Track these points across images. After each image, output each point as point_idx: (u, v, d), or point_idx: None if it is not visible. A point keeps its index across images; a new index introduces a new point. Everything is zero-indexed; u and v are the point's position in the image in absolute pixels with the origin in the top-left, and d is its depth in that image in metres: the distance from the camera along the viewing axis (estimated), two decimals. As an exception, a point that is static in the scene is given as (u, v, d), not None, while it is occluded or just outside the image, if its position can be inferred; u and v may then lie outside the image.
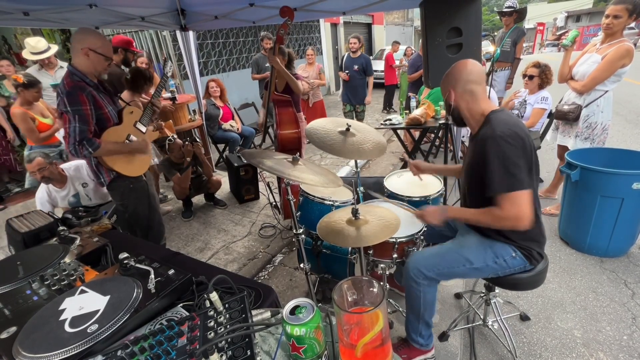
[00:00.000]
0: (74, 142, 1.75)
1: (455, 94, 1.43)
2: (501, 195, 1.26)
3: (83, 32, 1.83)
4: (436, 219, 1.48)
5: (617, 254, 2.45)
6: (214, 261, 2.76)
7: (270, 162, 1.29)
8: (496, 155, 1.24)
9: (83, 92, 1.75)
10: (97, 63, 1.82)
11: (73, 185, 2.59)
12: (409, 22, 18.55)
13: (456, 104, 1.44)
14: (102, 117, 1.86)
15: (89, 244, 1.27)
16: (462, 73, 1.41)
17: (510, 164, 1.23)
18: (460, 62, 1.45)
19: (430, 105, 3.69)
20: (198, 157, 3.46)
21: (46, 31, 4.89)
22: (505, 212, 1.26)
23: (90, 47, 1.77)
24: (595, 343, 1.80)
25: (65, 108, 1.72)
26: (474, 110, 1.41)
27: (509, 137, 1.24)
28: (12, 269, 1.09)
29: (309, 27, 9.77)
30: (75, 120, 1.73)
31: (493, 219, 1.32)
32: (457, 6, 2.04)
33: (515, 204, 1.24)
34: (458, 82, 1.42)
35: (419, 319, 1.54)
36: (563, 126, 2.90)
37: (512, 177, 1.23)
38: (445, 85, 1.48)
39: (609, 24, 2.44)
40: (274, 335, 0.82)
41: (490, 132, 1.28)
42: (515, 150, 1.24)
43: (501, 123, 1.29)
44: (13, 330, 0.83)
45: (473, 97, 1.40)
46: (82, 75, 1.80)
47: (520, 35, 4.16)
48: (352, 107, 5.51)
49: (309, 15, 3.40)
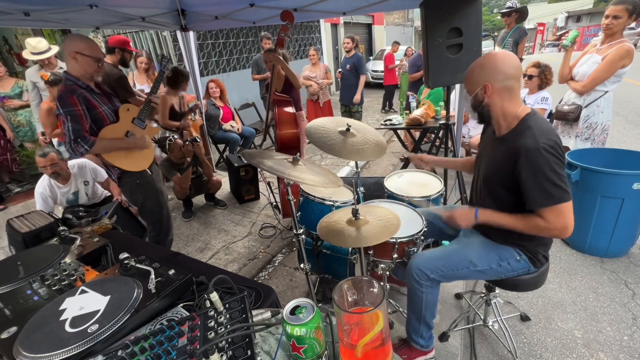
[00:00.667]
0: (69, 140, 1.84)
1: (493, 90, 1.28)
2: (547, 207, 1.22)
3: (69, 38, 1.95)
4: (466, 222, 1.43)
5: (618, 255, 2.45)
6: (214, 261, 2.77)
7: (270, 162, 1.29)
8: (541, 168, 1.19)
9: (73, 93, 1.84)
10: (86, 65, 1.88)
11: (75, 182, 2.64)
12: (409, 23, 18.55)
13: (490, 101, 1.31)
14: (97, 116, 1.94)
15: (90, 244, 1.28)
16: (503, 66, 1.26)
17: (556, 176, 1.19)
18: (495, 53, 1.32)
19: (431, 105, 3.69)
20: (198, 157, 3.46)
21: (47, 31, 4.89)
22: (552, 224, 1.23)
23: (76, 50, 1.84)
24: (595, 343, 1.80)
25: (58, 111, 1.83)
26: (508, 110, 1.31)
27: (552, 149, 1.19)
28: (12, 269, 1.09)
29: (309, 27, 9.77)
30: (68, 121, 1.82)
31: (535, 229, 1.28)
32: (457, 6, 2.04)
33: (562, 215, 1.21)
34: (497, 76, 1.27)
35: (420, 320, 1.54)
36: (563, 126, 2.90)
37: (559, 190, 1.19)
38: (479, 77, 1.31)
39: (609, 24, 2.43)
40: (274, 336, 0.82)
41: (533, 143, 1.20)
42: (559, 162, 1.20)
43: (543, 132, 1.22)
44: (14, 330, 0.83)
45: (511, 95, 1.30)
46: (74, 79, 1.89)
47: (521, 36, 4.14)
48: (345, 107, 5.51)
49: (309, 16, 3.40)
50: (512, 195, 1.33)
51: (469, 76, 1.37)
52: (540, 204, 1.23)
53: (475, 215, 1.41)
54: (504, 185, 1.34)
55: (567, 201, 1.21)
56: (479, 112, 1.39)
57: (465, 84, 1.41)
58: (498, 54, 1.32)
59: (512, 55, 1.32)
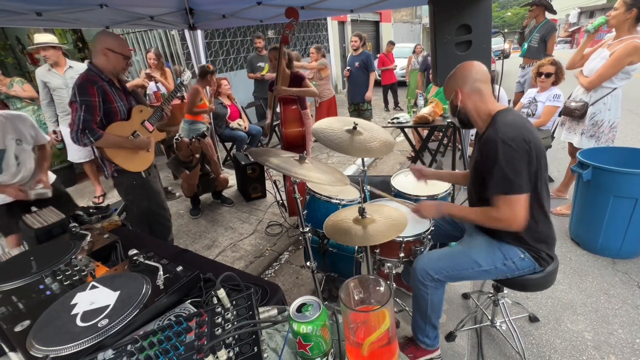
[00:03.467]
0: (76, 129, 1.83)
1: (463, 94, 1.40)
2: (498, 196, 1.28)
3: (102, 34, 1.97)
4: (431, 213, 1.50)
5: (630, 256, 2.40)
6: (221, 258, 2.79)
7: (277, 160, 1.29)
8: (497, 157, 1.25)
9: (94, 84, 1.85)
10: (115, 62, 1.94)
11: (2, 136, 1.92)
12: (417, 20, 18.38)
13: (463, 104, 1.42)
14: (110, 110, 1.95)
15: (100, 240, 1.30)
16: (470, 72, 1.40)
17: (511, 168, 1.24)
18: (465, 63, 1.44)
19: (439, 103, 3.65)
20: (206, 155, 3.49)
21: (58, 31, 4.97)
22: (500, 214, 1.29)
23: (108, 47, 1.89)
24: (606, 346, 1.77)
25: (74, 98, 1.83)
26: (481, 110, 1.40)
27: (511, 141, 1.24)
28: (26, 264, 1.12)
29: (316, 25, 9.74)
30: (82, 110, 1.82)
31: (487, 219, 1.35)
32: (466, 3, 2.01)
33: (511, 206, 1.26)
34: (466, 82, 1.40)
35: (425, 320, 1.54)
36: (569, 122, 2.85)
37: (511, 180, 1.24)
38: (451, 86, 1.45)
39: (608, 15, 2.47)
40: (280, 333, 0.83)
41: (493, 134, 1.28)
42: (517, 154, 1.24)
43: (506, 125, 1.28)
44: (27, 324, 0.85)
45: (481, 96, 1.39)
46: (98, 71, 1.92)
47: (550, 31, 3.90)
48: (355, 106, 5.48)
49: (316, 14, 3.39)
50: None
51: (445, 88, 1.51)
52: (492, 191, 1.30)
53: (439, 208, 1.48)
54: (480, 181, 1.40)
55: (519, 193, 1.25)
56: (458, 117, 1.48)
57: (445, 93, 1.53)
58: (465, 63, 1.44)
59: (479, 63, 1.43)
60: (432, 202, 1.52)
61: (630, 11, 2.36)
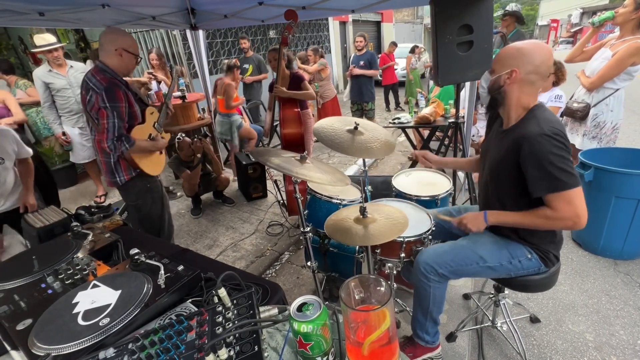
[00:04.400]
0: (112, 137, 1.76)
1: (517, 76, 1.26)
2: (553, 195, 1.18)
3: (114, 32, 1.85)
4: (478, 226, 1.41)
5: (632, 257, 2.39)
6: (222, 258, 2.79)
7: (278, 160, 1.29)
8: (545, 153, 1.16)
9: (119, 89, 1.77)
10: (128, 62, 1.86)
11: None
12: (419, 20, 18.36)
13: (510, 88, 1.29)
14: (132, 114, 1.88)
15: (101, 239, 1.30)
16: (537, 58, 1.24)
17: (563, 162, 1.16)
18: (539, 45, 1.27)
19: (440, 103, 3.64)
20: (207, 155, 3.50)
21: (60, 31, 4.98)
22: (562, 213, 1.18)
23: (123, 47, 1.80)
24: (608, 347, 1.77)
25: (104, 104, 1.72)
26: (521, 102, 1.30)
27: (556, 136, 1.17)
28: (28, 263, 1.12)
29: (318, 25, 9.75)
30: (114, 116, 1.74)
31: (545, 221, 1.24)
32: (467, 3, 2.01)
33: (572, 203, 1.17)
34: (527, 66, 1.24)
35: (426, 315, 1.53)
36: (571, 124, 2.86)
37: (566, 174, 1.16)
38: (510, 60, 1.28)
39: (616, 11, 2.47)
40: (281, 332, 0.83)
41: (537, 129, 1.19)
42: (565, 149, 1.18)
43: (547, 121, 1.21)
44: (29, 322, 0.85)
45: (530, 89, 1.29)
46: (112, 72, 1.82)
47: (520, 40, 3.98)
48: (359, 105, 5.49)
49: (317, 14, 3.39)
50: (517, 187, 1.31)
51: (501, 56, 1.33)
52: (546, 190, 1.19)
53: (484, 218, 1.40)
54: (509, 177, 1.33)
55: (575, 187, 1.17)
56: (493, 97, 1.36)
57: (494, 62, 1.36)
58: (538, 45, 1.28)
59: (550, 51, 1.28)
60: (477, 214, 1.43)
61: (638, 11, 2.35)
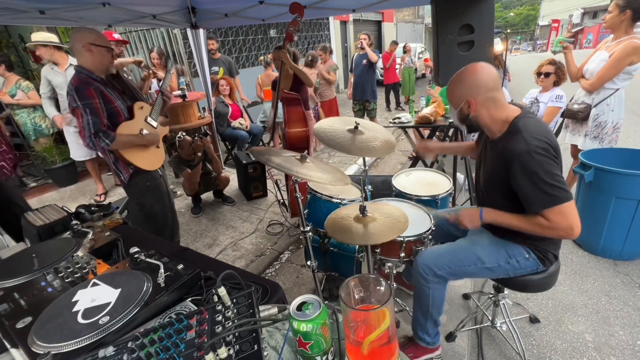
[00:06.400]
0: (89, 134, 1.78)
1: (477, 104, 1.31)
2: (548, 209, 1.21)
3: (78, 30, 1.88)
4: (473, 223, 1.42)
5: (632, 257, 2.39)
6: (222, 257, 2.79)
7: (278, 159, 1.29)
8: (535, 170, 1.18)
9: (90, 86, 1.79)
10: (100, 56, 1.86)
11: None
12: (420, 20, 18.33)
13: (476, 113, 1.34)
14: (112, 111, 1.89)
15: (101, 238, 1.30)
16: (481, 80, 1.30)
17: (552, 178, 1.18)
18: (473, 67, 1.33)
19: (440, 103, 3.64)
20: (208, 153, 3.50)
21: (61, 29, 4.98)
22: (557, 224, 1.21)
23: (90, 41, 1.81)
24: (607, 347, 1.77)
25: (75, 103, 1.76)
26: (496, 118, 1.33)
27: (544, 151, 1.18)
28: (27, 261, 1.12)
29: (318, 24, 9.74)
30: (87, 114, 1.76)
31: (541, 229, 1.26)
32: (469, 3, 2.00)
33: (566, 215, 1.19)
34: (478, 91, 1.30)
35: (426, 316, 1.53)
36: (573, 124, 2.87)
37: (556, 189, 1.18)
38: (460, 94, 1.35)
39: (604, 18, 2.52)
40: (280, 331, 0.83)
41: (523, 146, 1.20)
42: (553, 163, 1.19)
43: (533, 134, 1.21)
44: (28, 320, 0.85)
45: (496, 103, 1.32)
46: (88, 72, 1.85)
47: None
48: (361, 105, 5.48)
49: (318, 13, 3.39)
50: (510, 201, 1.32)
51: (450, 92, 1.40)
52: (540, 206, 1.22)
53: (480, 215, 1.41)
54: (500, 191, 1.35)
55: (567, 201, 1.19)
56: (467, 125, 1.41)
57: (448, 98, 1.42)
58: (475, 67, 1.33)
59: (489, 66, 1.34)
60: (473, 210, 1.44)
61: (624, 13, 2.38)
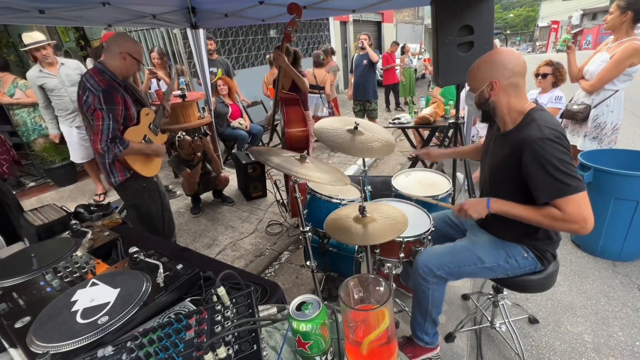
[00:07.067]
0: (106, 139, 1.79)
1: (499, 87, 1.26)
2: (562, 199, 1.16)
3: (123, 37, 1.94)
4: (479, 212, 1.34)
5: (631, 258, 2.40)
6: (222, 257, 2.79)
7: (277, 159, 1.29)
8: (549, 158, 1.15)
9: (117, 92, 1.81)
10: (130, 66, 1.91)
11: None
12: (420, 20, 18.36)
13: (496, 98, 1.29)
14: (128, 116, 1.90)
15: (100, 238, 1.30)
16: (510, 62, 1.25)
17: (566, 166, 1.15)
18: (503, 49, 1.30)
19: (440, 104, 3.65)
20: (207, 153, 3.50)
21: (61, 29, 4.99)
22: (572, 216, 1.15)
23: (129, 52, 1.86)
24: (606, 348, 1.77)
25: (100, 105, 1.75)
26: (514, 107, 1.29)
27: (558, 139, 1.16)
28: (26, 261, 1.12)
29: (318, 25, 9.74)
30: (109, 118, 1.77)
31: (552, 221, 1.20)
32: (468, 4, 2.01)
33: (580, 206, 1.15)
34: (505, 73, 1.25)
35: (425, 316, 1.53)
36: (572, 125, 2.88)
37: (571, 178, 1.14)
38: (485, 74, 1.29)
39: (605, 19, 2.52)
40: (280, 331, 0.83)
41: (538, 133, 1.17)
42: (568, 152, 1.17)
43: (548, 124, 1.19)
44: (27, 320, 0.85)
45: (517, 91, 1.28)
46: (111, 73, 1.85)
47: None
48: (361, 105, 5.49)
49: (318, 13, 3.39)
50: (519, 192, 1.29)
51: (474, 73, 1.34)
52: (552, 195, 1.17)
53: (487, 204, 1.33)
54: (510, 182, 1.32)
55: (582, 190, 1.15)
56: (484, 110, 1.36)
57: (469, 81, 1.38)
58: (504, 50, 1.30)
59: (517, 52, 1.32)
60: (479, 200, 1.36)
61: (625, 14, 2.38)
